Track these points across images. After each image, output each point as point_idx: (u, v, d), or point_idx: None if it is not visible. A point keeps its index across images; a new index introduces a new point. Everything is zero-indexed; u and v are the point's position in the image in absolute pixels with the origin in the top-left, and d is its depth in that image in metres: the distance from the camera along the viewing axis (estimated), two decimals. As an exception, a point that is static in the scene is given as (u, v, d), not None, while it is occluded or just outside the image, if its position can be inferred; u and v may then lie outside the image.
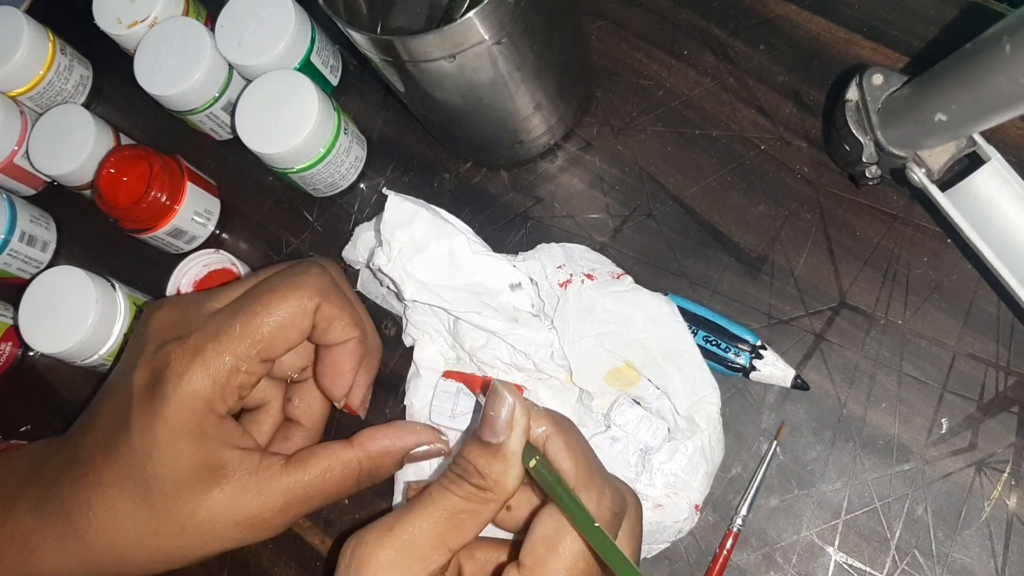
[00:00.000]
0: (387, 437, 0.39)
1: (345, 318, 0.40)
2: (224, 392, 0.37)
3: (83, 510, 0.36)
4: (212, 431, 0.36)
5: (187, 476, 0.35)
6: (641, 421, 0.40)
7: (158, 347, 0.37)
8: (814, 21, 0.48)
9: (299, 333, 0.38)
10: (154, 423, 0.35)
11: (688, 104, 0.48)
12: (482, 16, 0.35)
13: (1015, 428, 0.40)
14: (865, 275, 0.44)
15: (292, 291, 0.38)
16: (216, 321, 0.37)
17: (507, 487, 0.31)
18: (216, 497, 0.35)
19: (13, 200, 0.53)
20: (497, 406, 0.31)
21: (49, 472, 0.38)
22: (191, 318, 0.38)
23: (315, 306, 0.38)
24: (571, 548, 0.30)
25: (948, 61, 0.34)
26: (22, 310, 0.47)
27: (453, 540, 0.31)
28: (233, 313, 0.37)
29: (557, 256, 0.43)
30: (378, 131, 0.53)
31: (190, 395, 0.36)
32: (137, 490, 0.35)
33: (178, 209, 0.50)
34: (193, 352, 0.36)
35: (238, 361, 0.37)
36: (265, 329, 0.37)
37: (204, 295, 0.40)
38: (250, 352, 0.37)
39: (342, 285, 0.42)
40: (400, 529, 0.30)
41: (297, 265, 0.40)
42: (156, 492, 0.35)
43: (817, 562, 0.40)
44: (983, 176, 0.39)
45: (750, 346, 0.42)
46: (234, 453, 0.37)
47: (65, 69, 0.56)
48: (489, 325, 0.41)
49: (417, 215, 0.42)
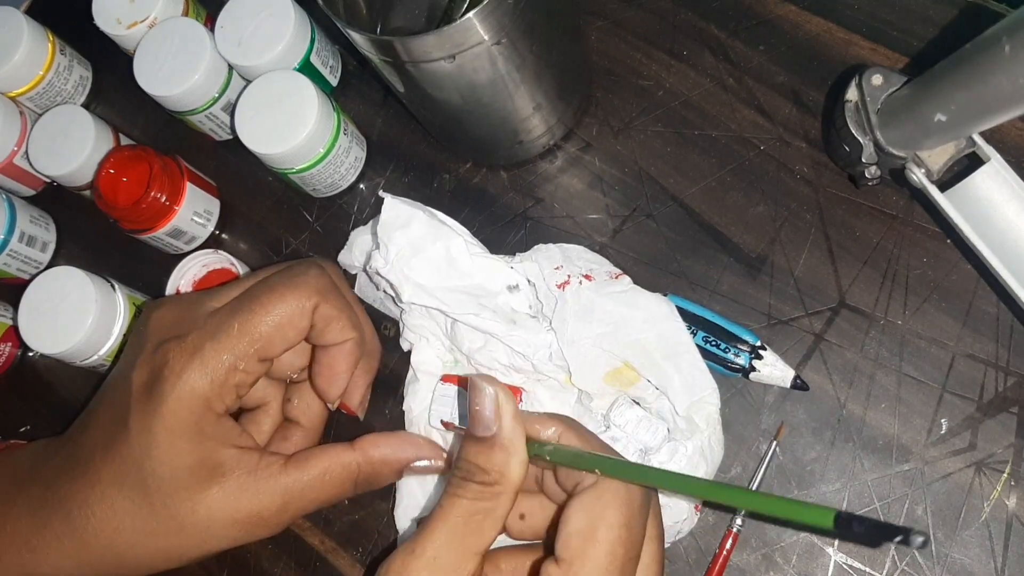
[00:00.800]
0: (389, 446, 0.39)
1: (343, 319, 0.40)
2: (222, 391, 0.37)
3: (82, 509, 0.36)
4: (210, 430, 0.36)
5: (185, 475, 0.35)
6: (641, 421, 0.40)
7: (156, 346, 0.37)
8: (814, 21, 0.48)
9: (297, 333, 0.38)
10: (152, 422, 0.35)
11: (688, 104, 0.48)
12: (482, 16, 0.35)
13: (1015, 428, 0.40)
14: (865, 275, 0.44)
15: (291, 291, 0.38)
16: (215, 320, 0.37)
17: (512, 476, 0.31)
18: (215, 496, 0.35)
19: (13, 200, 0.53)
20: (480, 399, 0.31)
21: (48, 472, 0.38)
22: (190, 317, 0.38)
23: (313, 306, 0.38)
24: (608, 536, 0.29)
25: (948, 61, 0.34)
26: (22, 310, 0.47)
27: (475, 544, 0.30)
28: (232, 312, 0.37)
29: (555, 257, 0.43)
30: (378, 131, 0.53)
31: (188, 394, 0.36)
32: (136, 489, 0.35)
33: (178, 209, 0.50)
34: (191, 351, 0.36)
35: (236, 360, 0.37)
36: (263, 328, 0.37)
37: (203, 295, 0.40)
38: (248, 351, 0.37)
39: (341, 286, 0.42)
40: (422, 549, 0.30)
41: (296, 265, 0.40)
42: (155, 491, 0.35)
43: (817, 562, 0.40)
44: (982, 176, 0.39)
45: (750, 346, 0.42)
46: (232, 452, 0.37)
47: (65, 69, 0.56)
48: (487, 327, 0.41)
49: (414, 217, 0.42)
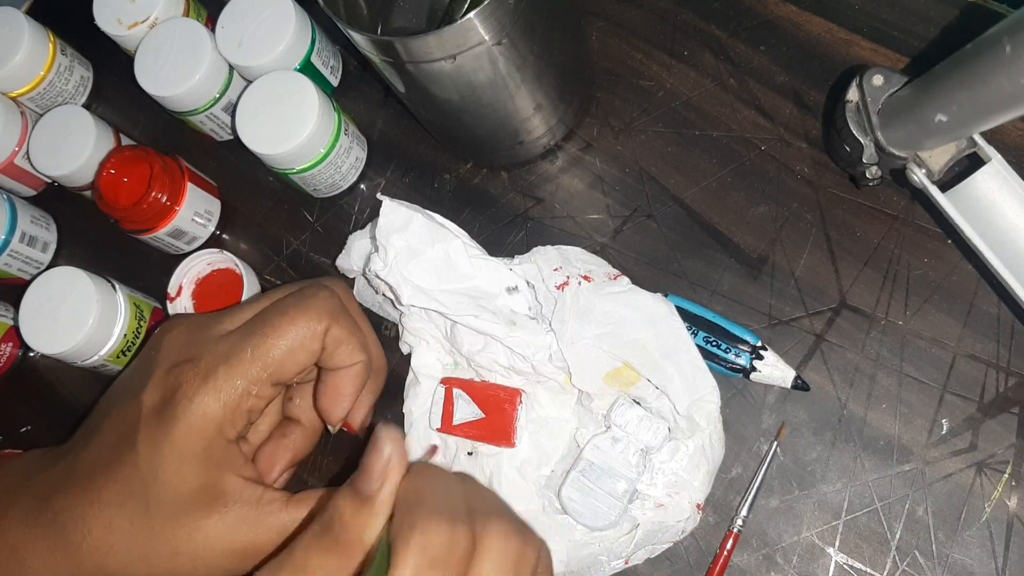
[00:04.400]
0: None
1: (352, 341, 0.40)
2: (234, 416, 0.37)
3: (78, 524, 0.36)
4: (219, 456, 0.36)
5: (188, 500, 0.35)
6: (641, 421, 0.40)
7: (169, 369, 0.37)
8: (814, 22, 0.48)
9: (309, 355, 0.38)
10: (162, 444, 0.35)
11: (688, 105, 0.48)
12: (482, 17, 0.35)
13: (1015, 429, 0.40)
14: (865, 276, 0.44)
15: (302, 313, 0.38)
16: (227, 344, 0.37)
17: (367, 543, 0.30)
18: (213, 524, 0.35)
19: (13, 201, 0.53)
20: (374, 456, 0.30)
21: (44, 484, 0.38)
22: (201, 340, 0.38)
23: (325, 328, 0.38)
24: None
25: (948, 62, 0.34)
26: (22, 311, 0.47)
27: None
28: (244, 336, 0.37)
29: (553, 258, 0.43)
30: (378, 132, 0.53)
31: (200, 418, 0.36)
32: (137, 510, 0.35)
33: (178, 210, 0.50)
34: (204, 375, 0.36)
35: (249, 385, 0.37)
36: (276, 353, 0.37)
37: (213, 317, 0.40)
38: (261, 376, 0.37)
39: (350, 307, 0.42)
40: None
41: (306, 287, 0.40)
42: (155, 513, 0.35)
43: (817, 563, 0.40)
44: (983, 177, 0.39)
45: (750, 347, 0.42)
46: (237, 481, 0.36)
47: (66, 70, 0.56)
48: (487, 329, 0.41)
49: (412, 220, 0.42)
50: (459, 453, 0.43)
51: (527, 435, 0.42)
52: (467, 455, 0.43)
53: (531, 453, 0.42)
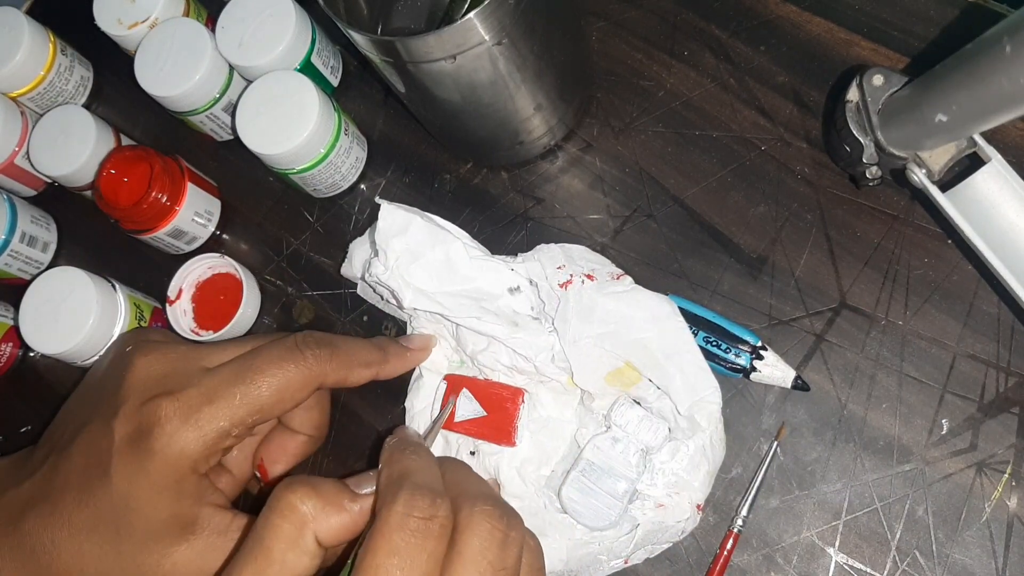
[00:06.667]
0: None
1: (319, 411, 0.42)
2: (210, 454, 0.37)
3: (47, 548, 0.36)
4: (190, 488, 0.36)
5: (159, 528, 0.35)
6: (642, 421, 0.40)
7: (145, 400, 0.37)
8: (814, 22, 0.48)
9: (294, 404, 0.39)
10: (137, 476, 0.35)
11: (688, 105, 0.48)
12: (482, 17, 0.35)
13: (1016, 429, 0.40)
14: (865, 276, 0.44)
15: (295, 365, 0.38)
16: (212, 383, 0.37)
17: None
18: (182, 552, 0.35)
19: (14, 201, 0.53)
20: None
21: (13, 502, 0.38)
22: (181, 372, 0.38)
23: (317, 384, 0.39)
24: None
25: (948, 62, 0.34)
26: (22, 311, 0.47)
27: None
28: (233, 380, 0.37)
29: (557, 257, 0.43)
30: (378, 132, 0.53)
31: (177, 454, 0.36)
32: (107, 536, 0.35)
33: (178, 210, 0.50)
34: (185, 413, 0.36)
35: (232, 427, 0.37)
36: (264, 400, 0.37)
37: (192, 349, 0.40)
38: (247, 420, 0.37)
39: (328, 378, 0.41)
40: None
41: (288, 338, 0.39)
42: (125, 540, 0.35)
43: (818, 563, 0.40)
44: (983, 177, 0.39)
45: (750, 347, 0.42)
46: (207, 510, 0.37)
47: (66, 70, 0.56)
48: (489, 330, 0.41)
49: (412, 222, 0.42)
50: (461, 452, 0.43)
51: (528, 435, 0.42)
52: (469, 454, 0.43)
53: (532, 453, 0.42)
